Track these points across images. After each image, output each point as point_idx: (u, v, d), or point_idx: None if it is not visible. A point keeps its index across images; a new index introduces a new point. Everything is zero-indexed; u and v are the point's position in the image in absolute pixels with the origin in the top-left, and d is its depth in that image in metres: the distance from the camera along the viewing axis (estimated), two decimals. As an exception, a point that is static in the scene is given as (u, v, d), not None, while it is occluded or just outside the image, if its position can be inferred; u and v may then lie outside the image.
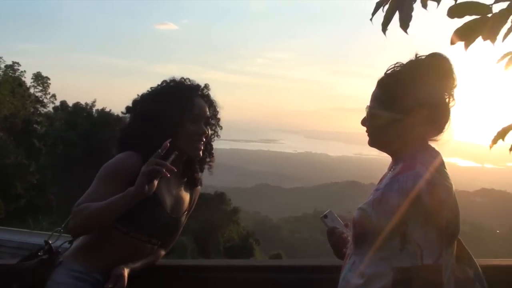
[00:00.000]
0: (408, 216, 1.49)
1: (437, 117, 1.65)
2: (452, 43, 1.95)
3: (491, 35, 1.87)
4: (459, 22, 1.92)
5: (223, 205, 39.16)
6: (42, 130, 42.70)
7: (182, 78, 2.29)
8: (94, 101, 45.18)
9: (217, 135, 2.39)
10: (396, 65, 1.69)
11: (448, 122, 1.68)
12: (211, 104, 2.33)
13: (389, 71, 1.70)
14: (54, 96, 47.82)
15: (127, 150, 2.15)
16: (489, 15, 1.88)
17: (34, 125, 42.59)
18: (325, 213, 2.10)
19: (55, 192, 35.32)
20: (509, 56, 2.10)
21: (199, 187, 2.43)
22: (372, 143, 1.74)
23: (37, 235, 9.71)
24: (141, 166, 1.99)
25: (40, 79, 47.40)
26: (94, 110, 44.23)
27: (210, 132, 2.31)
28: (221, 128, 2.40)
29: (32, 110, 44.58)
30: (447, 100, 1.65)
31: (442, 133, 1.69)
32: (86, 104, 45.12)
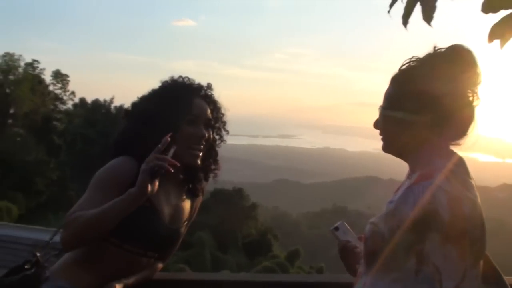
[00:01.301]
0: (424, 233, 1.30)
1: (459, 118, 1.45)
2: (490, 41, 1.78)
3: None
4: (491, 17, 1.77)
5: (242, 200, 39.18)
6: (61, 127, 43.22)
7: (181, 77, 2.13)
8: (113, 98, 45.65)
9: (223, 140, 2.20)
10: (412, 59, 1.50)
11: (473, 123, 1.46)
12: (214, 105, 2.15)
13: (403, 67, 1.51)
14: (73, 93, 48.33)
15: (122, 155, 1.99)
16: None
17: (54, 122, 43.11)
18: (336, 225, 1.88)
19: (75, 188, 35.68)
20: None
21: (201, 196, 2.24)
22: (386, 148, 1.56)
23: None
24: (138, 172, 1.85)
25: (59, 76, 47.88)
26: (112, 107, 44.63)
27: (212, 136, 2.13)
28: (227, 132, 2.21)
29: (51, 107, 45.10)
30: (470, 98, 1.44)
31: (465, 136, 1.48)
32: (105, 101, 45.56)
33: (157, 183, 1.85)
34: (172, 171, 1.82)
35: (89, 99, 47.08)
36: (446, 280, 1.30)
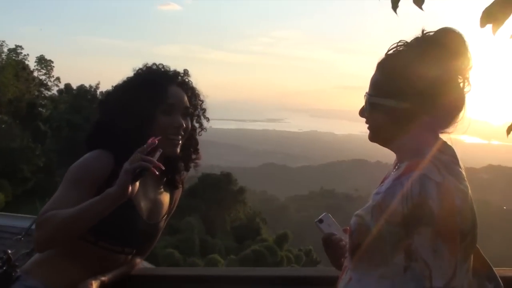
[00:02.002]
0: (413, 227, 1.23)
1: (448, 105, 1.37)
2: (482, 25, 1.73)
3: None
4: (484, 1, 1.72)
5: (230, 185, 39.23)
6: (47, 113, 42.85)
7: (155, 64, 2.02)
8: (98, 84, 45.24)
9: (203, 129, 2.10)
10: (399, 44, 1.41)
11: (463, 110, 1.39)
12: (192, 93, 2.04)
13: (390, 51, 1.42)
14: (58, 79, 47.89)
15: (96, 149, 1.88)
16: None
17: (39, 109, 42.74)
18: (320, 217, 1.79)
19: (61, 174, 35.47)
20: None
21: (181, 188, 2.12)
22: (373, 137, 1.47)
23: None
24: (114, 167, 1.79)
25: (43, 62, 47.38)
26: (98, 93, 44.23)
27: (191, 124, 2.02)
28: (207, 120, 2.11)
29: (36, 93, 44.68)
30: (461, 84, 1.37)
31: (455, 124, 1.40)
32: (90, 86, 45.15)
33: (137, 184, 1.74)
34: (157, 174, 1.73)
35: (74, 85, 46.63)
36: (436, 277, 1.22)
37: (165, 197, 2.05)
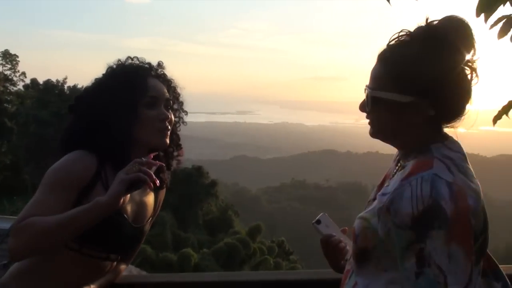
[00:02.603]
0: (425, 230, 1.16)
1: (455, 98, 1.30)
2: (478, 15, 1.72)
3: None
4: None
5: (201, 178, 39.09)
6: (13, 109, 41.89)
7: (130, 57, 1.93)
8: (66, 78, 44.34)
9: (183, 122, 2.01)
10: (401, 34, 1.33)
11: (469, 103, 1.31)
12: (169, 84, 1.96)
13: (392, 42, 1.34)
14: (24, 74, 46.84)
15: (75, 150, 1.76)
16: None
17: (5, 104, 41.74)
18: (317, 218, 1.73)
19: (29, 171, 34.84)
20: (503, 21, 1.83)
21: (165, 188, 2.02)
22: (375, 133, 1.38)
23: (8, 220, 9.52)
24: (97, 168, 1.71)
25: (8, 57, 46.33)
26: (65, 87, 43.46)
27: (174, 118, 1.94)
28: (186, 113, 2.04)
29: (1, 89, 43.62)
30: (469, 76, 1.29)
31: (462, 118, 1.33)
32: (57, 81, 44.28)
33: (129, 195, 1.66)
34: (153, 188, 1.66)
35: (40, 80, 45.67)
36: (452, 283, 1.14)
37: (150, 198, 1.94)
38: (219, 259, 22.72)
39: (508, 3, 1.74)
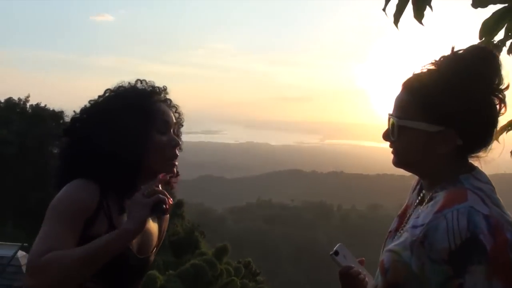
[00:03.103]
0: (464, 265, 1.12)
1: (483, 128, 1.28)
2: (480, 37, 1.74)
3: None
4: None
5: (166, 198, 38.68)
6: (-28, 128, 40.88)
7: (139, 80, 1.85)
8: (28, 96, 43.50)
9: (181, 148, 1.90)
10: (429, 63, 1.33)
11: (495, 134, 1.30)
12: (175, 109, 1.90)
13: (419, 71, 1.33)
14: (-17, 92, 45.80)
15: (76, 178, 1.68)
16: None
17: (-37, 123, 40.70)
18: (335, 249, 1.66)
19: (-11, 192, 33.87)
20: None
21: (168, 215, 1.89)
22: (400, 162, 1.37)
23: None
24: (100, 198, 1.64)
25: (-33, 75, 45.26)
26: (28, 106, 42.67)
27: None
28: (181, 139, 1.92)
29: (-40, 107, 42.55)
30: (497, 107, 1.28)
31: (488, 148, 1.31)
32: (19, 99, 43.44)
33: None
34: (168, 211, 1.63)
35: (2, 98, 44.76)
36: None
37: (154, 227, 1.87)
38: (185, 281, 22.42)
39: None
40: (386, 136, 1.37)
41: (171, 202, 1.60)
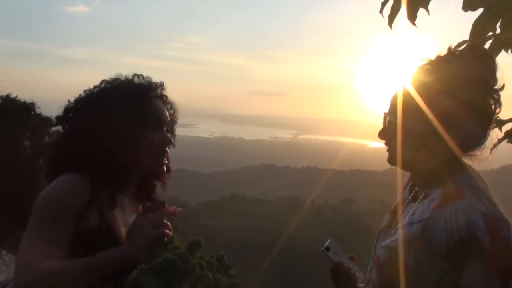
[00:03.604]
0: (461, 261, 1.14)
1: (478, 127, 1.30)
2: (471, 38, 1.77)
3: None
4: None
5: (139, 192, 38.39)
6: None
7: (136, 75, 1.82)
8: (-2, 87, 42.80)
9: (174, 145, 1.89)
10: (423, 62, 1.34)
11: (489, 132, 1.32)
12: (171, 106, 1.89)
13: (415, 71, 1.34)
14: (-48, 82, 44.81)
15: (67, 172, 1.65)
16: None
17: None
18: (326, 245, 1.67)
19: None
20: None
21: None
22: (394, 160, 1.38)
23: None
24: (91, 193, 1.62)
25: None
26: (-3, 97, 41.88)
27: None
28: (174, 136, 1.91)
29: None
30: (492, 106, 1.29)
31: (482, 147, 1.33)
32: (-11, 90, 42.64)
33: (121, 218, 1.68)
34: (165, 240, 1.68)
35: (-30, 89, 43.82)
36: None
37: None
38: (158, 275, 22.34)
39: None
40: (382, 134, 1.39)
41: (170, 235, 1.63)
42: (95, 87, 1.79)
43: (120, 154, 1.65)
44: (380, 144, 1.43)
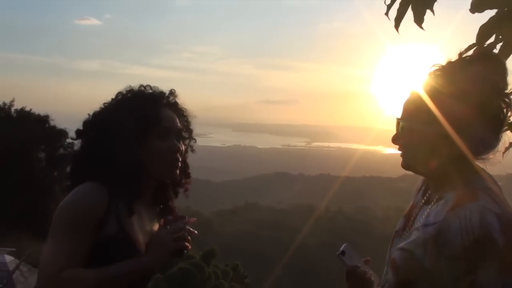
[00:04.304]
0: (477, 262, 1.15)
1: (491, 131, 1.33)
2: (477, 42, 1.78)
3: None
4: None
5: (153, 202, 38.47)
6: (-44, 132, 40.39)
7: (142, 86, 1.88)
8: (13, 101, 43.16)
9: (192, 150, 1.99)
10: (434, 68, 1.37)
11: (501, 136, 1.35)
12: (182, 113, 1.93)
13: (427, 77, 1.37)
14: (-33, 96, 45.29)
15: (85, 182, 1.71)
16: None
17: None
18: (341, 249, 1.68)
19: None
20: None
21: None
22: (409, 164, 1.41)
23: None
24: (109, 201, 1.67)
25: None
26: (12, 110, 42.27)
27: (183, 147, 1.91)
28: (195, 141, 2.02)
29: None
30: (505, 111, 1.32)
31: (495, 151, 1.35)
32: (4, 103, 43.04)
33: (138, 224, 1.73)
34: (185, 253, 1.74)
35: (-14, 103, 44.23)
36: None
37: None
38: (173, 285, 22.33)
39: None
40: (396, 139, 1.42)
41: (189, 248, 1.68)
42: (112, 99, 1.86)
43: (127, 164, 1.71)
44: (394, 150, 1.46)
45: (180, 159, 1.86)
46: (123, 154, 1.71)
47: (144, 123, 1.76)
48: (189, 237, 1.70)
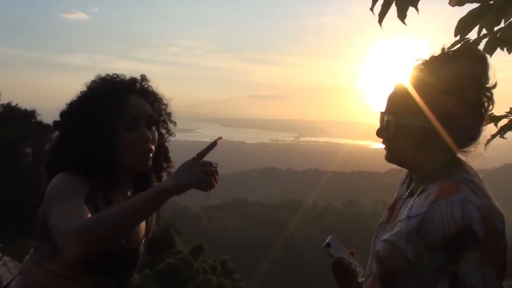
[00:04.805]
0: (458, 252, 1.18)
1: (473, 124, 1.36)
2: (456, 35, 1.80)
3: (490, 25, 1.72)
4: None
5: (141, 197, 38.32)
6: None
7: (108, 75, 1.81)
8: (-2, 95, 42.76)
9: (171, 134, 1.94)
10: (417, 62, 1.39)
11: (482, 129, 1.38)
12: (154, 98, 1.87)
13: (411, 71, 1.39)
14: (-48, 91, 44.78)
15: (60, 171, 1.69)
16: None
17: None
18: (327, 241, 1.71)
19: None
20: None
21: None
22: (392, 157, 1.43)
23: None
24: (89, 190, 1.65)
25: None
26: (-2, 105, 41.85)
27: (159, 132, 1.87)
28: (174, 124, 1.96)
29: None
30: (486, 104, 1.35)
31: (476, 143, 1.38)
32: (-11, 98, 42.61)
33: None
34: (212, 190, 1.63)
35: (-29, 98, 43.74)
36: None
37: None
38: (161, 280, 22.31)
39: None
40: (380, 133, 1.43)
41: (215, 186, 1.59)
42: (87, 87, 1.83)
43: (99, 156, 1.68)
44: (382, 145, 1.46)
45: (153, 147, 1.81)
46: (92, 148, 1.69)
47: (110, 114, 1.72)
48: (217, 177, 1.62)
